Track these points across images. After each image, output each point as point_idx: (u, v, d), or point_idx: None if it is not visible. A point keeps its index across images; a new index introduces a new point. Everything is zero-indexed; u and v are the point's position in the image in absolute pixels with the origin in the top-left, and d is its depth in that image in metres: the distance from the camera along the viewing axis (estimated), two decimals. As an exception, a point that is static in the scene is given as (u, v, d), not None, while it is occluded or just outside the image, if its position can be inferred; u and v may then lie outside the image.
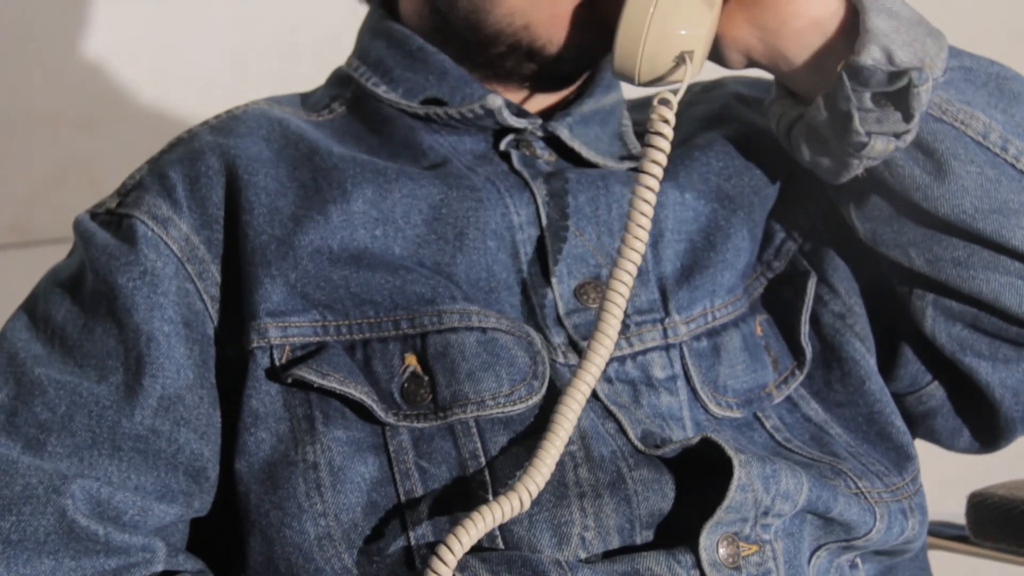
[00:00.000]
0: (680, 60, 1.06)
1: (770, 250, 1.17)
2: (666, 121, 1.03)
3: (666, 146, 1.03)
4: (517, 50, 1.11)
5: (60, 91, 1.76)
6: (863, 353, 1.15)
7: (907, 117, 1.02)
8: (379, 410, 1.02)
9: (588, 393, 1.00)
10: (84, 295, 1.07)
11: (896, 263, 1.12)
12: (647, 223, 1.02)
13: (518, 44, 1.11)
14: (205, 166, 1.09)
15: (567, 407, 0.99)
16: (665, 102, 1.03)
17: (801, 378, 1.14)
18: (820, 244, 1.17)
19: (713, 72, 1.17)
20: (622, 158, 1.16)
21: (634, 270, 1.02)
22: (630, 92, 1.18)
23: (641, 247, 1.02)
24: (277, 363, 1.04)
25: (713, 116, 1.21)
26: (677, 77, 1.07)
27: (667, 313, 1.10)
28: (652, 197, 1.02)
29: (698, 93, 1.24)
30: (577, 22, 1.10)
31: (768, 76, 1.12)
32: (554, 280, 1.09)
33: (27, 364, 1.04)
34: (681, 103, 1.20)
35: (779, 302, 1.16)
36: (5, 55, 1.74)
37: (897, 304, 1.15)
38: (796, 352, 1.14)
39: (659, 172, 1.02)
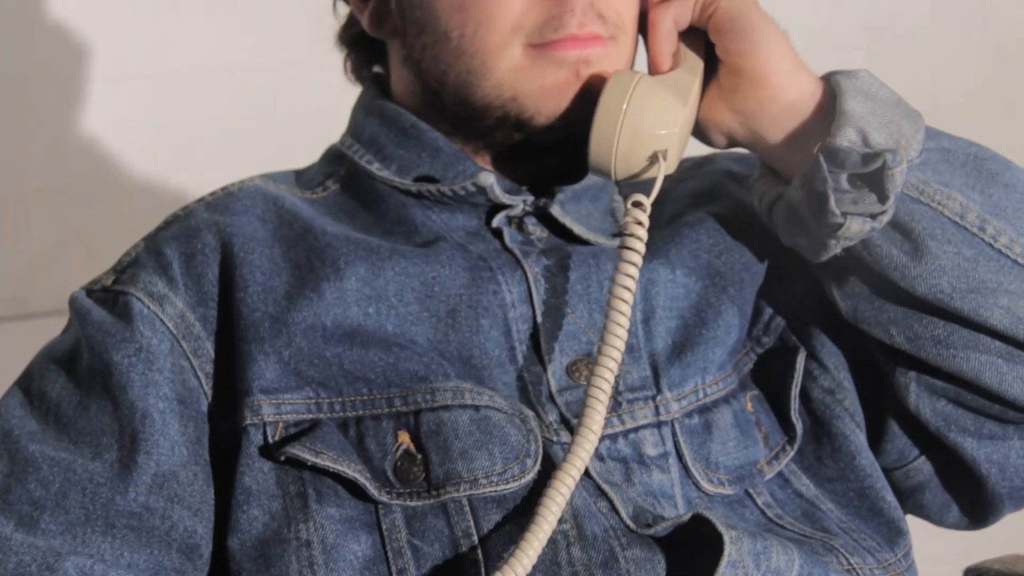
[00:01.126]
0: (654, 158, 1.08)
1: (759, 326, 1.18)
2: (639, 223, 1.05)
3: (641, 247, 1.05)
4: (506, 122, 1.12)
5: (59, 165, 1.77)
6: (853, 428, 1.15)
7: (882, 199, 1.03)
8: (372, 488, 1.02)
9: (578, 474, 1.01)
10: (79, 372, 1.07)
11: (878, 340, 1.12)
12: (623, 334, 1.03)
13: (507, 116, 1.12)
14: (201, 243, 1.10)
15: (557, 488, 1.00)
16: (638, 204, 1.05)
17: (792, 454, 1.14)
18: (808, 320, 1.18)
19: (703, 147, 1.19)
20: (614, 235, 1.17)
21: (619, 356, 1.03)
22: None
23: (621, 345, 1.03)
24: (270, 440, 1.04)
25: (704, 192, 1.22)
26: (652, 174, 1.09)
27: (659, 390, 1.11)
28: (629, 297, 1.04)
29: (689, 169, 1.26)
30: (564, 94, 1.11)
31: None
32: (546, 358, 1.10)
33: (21, 441, 1.04)
34: (672, 178, 1.22)
35: (769, 378, 1.16)
36: (4, 129, 1.75)
37: (881, 379, 1.16)
38: (787, 428, 1.15)
39: (635, 272, 1.04)
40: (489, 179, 1.12)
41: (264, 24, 1.83)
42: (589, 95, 1.09)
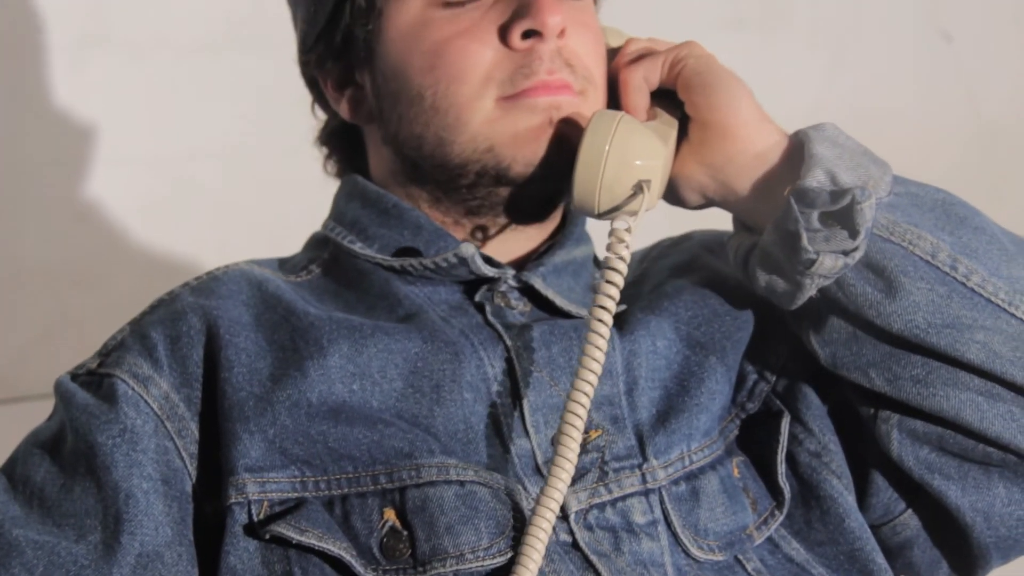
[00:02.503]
0: (638, 189, 1.09)
1: (743, 392, 1.18)
2: (623, 242, 1.06)
3: (623, 267, 1.06)
4: (484, 176, 1.13)
5: (52, 248, 1.78)
6: (841, 491, 1.15)
7: (853, 234, 1.04)
8: (358, 566, 1.02)
9: (546, 538, 1.01)
10: (63, 455, 1.07)
11: (858, 386, 1.13)
12: (603, 344, 1.04)
13: (484, 169, 1.13)
14: (186, 326, 1.10)
15: (528, 554, 1.00)
16: (623, 225, 1.07)
17: (781, 518, 1.15)
18: (792, 383, 1.18)
19: (678, 223, 1.20)
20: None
21: (587, 402, 1.04)
22: (600, 247, 1.20)
23: (598, 368, 1.04)
24: (255, 519, 1.04)
25: (682, 265, 1.23)
26: (634, 207, 1.10)
27: (645, 458, 1.11)
28: (608, 318, 1.05)
29: (667, 247, 1.27)
30: (538, 141, 1.12)
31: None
32: (531, 430, 1.10)
33: (5, 526, 1.04)
34: (648, 258, 1.23)
35: (755, 443, 1.17)
36: (-1, 211, 1.77)
37: (864, 431, 1.16)
38: (774, 492, 1.15)
39: (615, 294, 1.05)
40: (470, 250, 1.13)
41: (258, 109, 1.85)
42: (564, 140, 1.11)
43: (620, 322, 1.15)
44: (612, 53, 1.18)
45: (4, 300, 1.76)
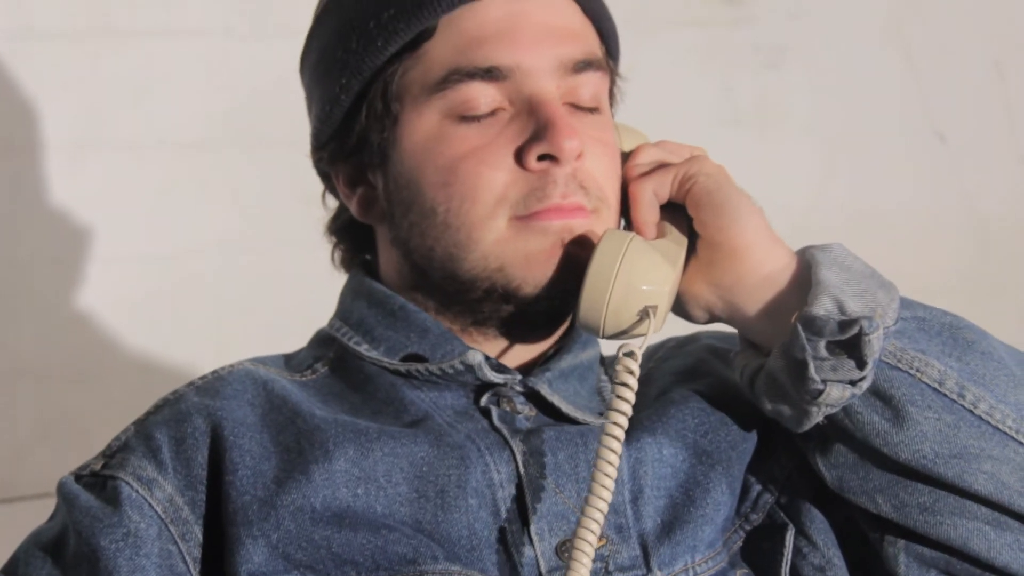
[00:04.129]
0: (644, 314, 1.09)
1: (747, 503, 1.17)
2: (631, 372, 1.06)
3: (631, 396, 1.06)
4: (493, 293, 1.14)
5: (49, 345, 1.78)
6: None
7: (860, 365, 1.04)
8: None
9: None
10: (66, 558, 1.07)
11: (865, 510, 1.12)
12: (613, 472, 1.04)
13: (493, 287, 1.13)
14: (191, 427, 1.10)
15: None
16: (629, 353, 1.06)
17: (784, 631, 1.14)
18: (796, 495, 1.18)
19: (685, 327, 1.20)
20: (600, 414, 1.17)
21: (601, 518, 1.03)
22: (607, 348, 1.20)
23: (608, 495, 1.03)
24: None
25: (688, 370, 1.23)
26: (641, 331, 1.10)
27: (649, 569, 1.10)
28: (618, 446, 1.05)
29: (673, 348, 1.27)
30: (550, 263, 1.12)
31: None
32: (535, 538, 1.09)
33: (7, 629, 1.03)
34: (654, 358, 1.23)
35: (759, 555, 1.16)
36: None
37: (869, 549, 1.15)
38: (778, 605, 1.14)
39: (624, 421, 1.05)
40: (477, 358, 1.13)
41: (257, 205, 1.85)
42: (574, 262, 1.11)
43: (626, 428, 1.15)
44: (624, 156, 1.18)
45: (1, 399, 1.76)
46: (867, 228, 2.14)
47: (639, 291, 1.09)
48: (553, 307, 1.15)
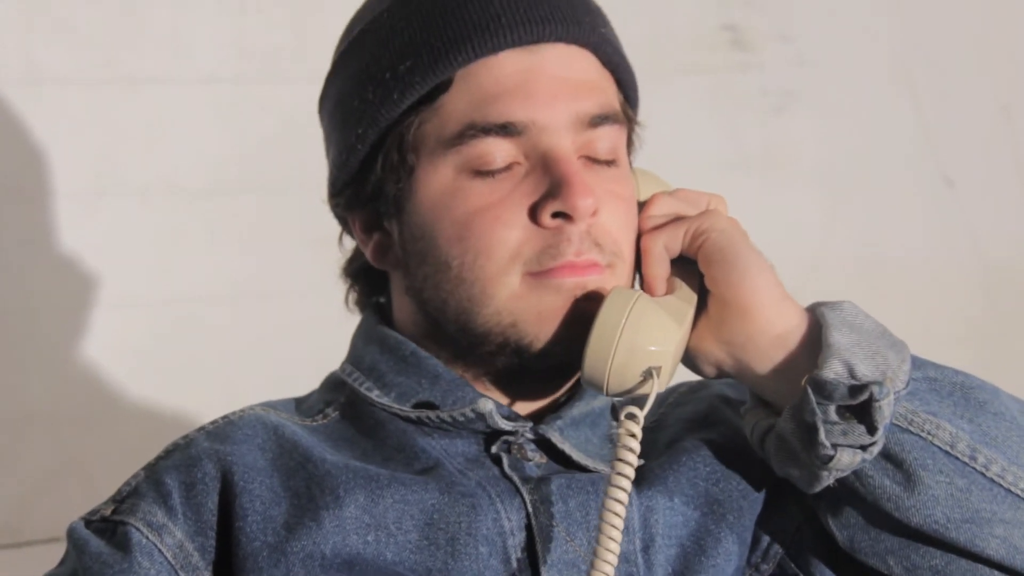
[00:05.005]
0: (648, 375, 1.09)
1: (758, 553, 1.17)
2: (632, 436, 1.06)
3: (633, 460, 1.06)
4: (506, 348, 1.13)
5: (58, 391, 1.78)
6: None
7: (871, 430, 1.04)
8: None
9: None
10: (76, 604, 1.07)
11: (876, 570, 1.12)
12: (616, 546, 1.04)
13: (507, 342, 1.13)
14: (201, 473, 1.10)
15: None
16: (631, 416, 1.06)
17: None
18: (807, 548, 1.17)
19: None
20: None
21: (611, 568, 1.03)
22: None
23: (616, 546, 1.03)
24: None
25: (699, 418, 1.22)
26: (645, 390, 1.10)
27: (661, 617, 1.10)
28: (622, 510, 1.04)
29: (684, 394, 1.27)
30: (562, 320, 1.12)
31: None
32: (545, 587, 1.09)
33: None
34: (665, 403, 1.23)
35: (769, 606, 1.16)
36: (5, 355, 1.76)
37: None
38: (788, 656, 1.14)
39: (627, 485, 1.05)
40: (488, 406, 1.13)
41: (265, 250, 1.86)
42: (587, 319, 1.10)
43: (637, 476, 1.14)
44: (640, 205, 1.18)
45: (9, 444, 1.76)
46: (875, 274, 2.15)
47: (643, 351, 1.09)
48: (564, 363, 1.15)
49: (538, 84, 1.13)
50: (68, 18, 1.77)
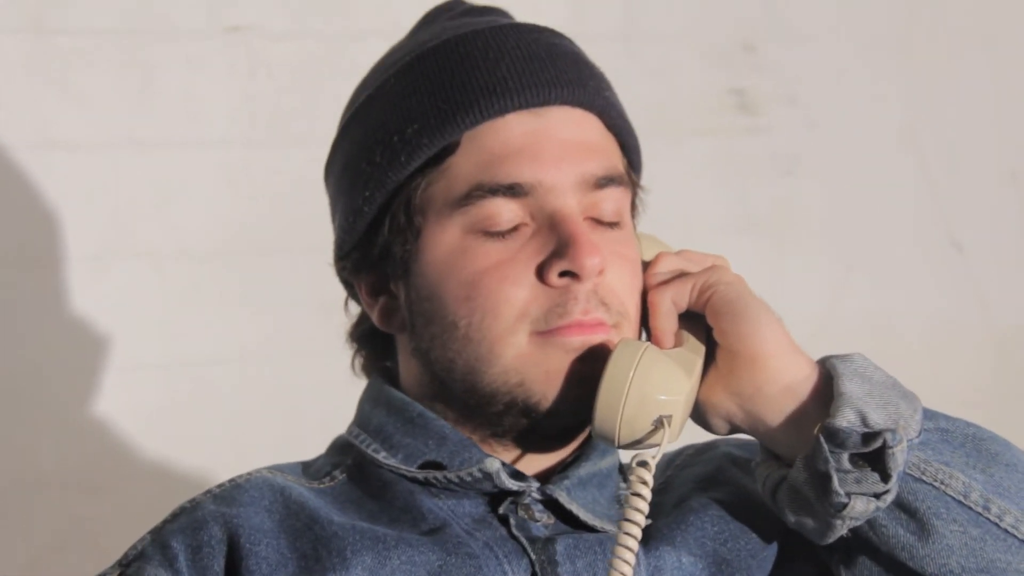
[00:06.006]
0: (659, 424, 1.09)
1: (768, 613, 1.17)
2: (644, 483, 1.06)
3: (644, 507, 1.06)
4: (513, 407, 1.14)
5: (66, 454, 1.78)
6: None
7: (884, 478, 1.04)
8: None
9: None
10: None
11: None
12: None
13: (514, 402, 1.13)
14: (208, 535, 1.10)
15: None
16: (643, 464, 1.06)
17: None
18: None
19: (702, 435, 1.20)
20: (620, 521, 1.17)
21: None
22: (627, 456, 1.20)
23: None
24: None
25: (707, 478, 1.22)
26: (656, 440, 1.10)
27: None
28: (631, 557, 1.04)
29: (692, 456, 1.27)
30: (570, 379, 1.12)
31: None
32: (553, 645, 1.09)
33: None
34: (672, 465, 1.22)
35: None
36: (13, 419, 1.77)
37: None
38: None
39: (638, 533, 1.05)
40: (495, 465, 1.13)
41: (275, 313, 1.86)
42: (594, 378, 1.11)
43: (645, 536, 1.14)
44: (644, 265, 1.19)
45: (18, 508, 1.76)
46: (884, 338, 2.15)
47: (653, 400, 1.09)
48: (572, 422, 1.15)
49: (545, 146, 1.14)
50: (79, 83, 1.79)
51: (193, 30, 1.85)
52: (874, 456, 1.04)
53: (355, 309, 1.27)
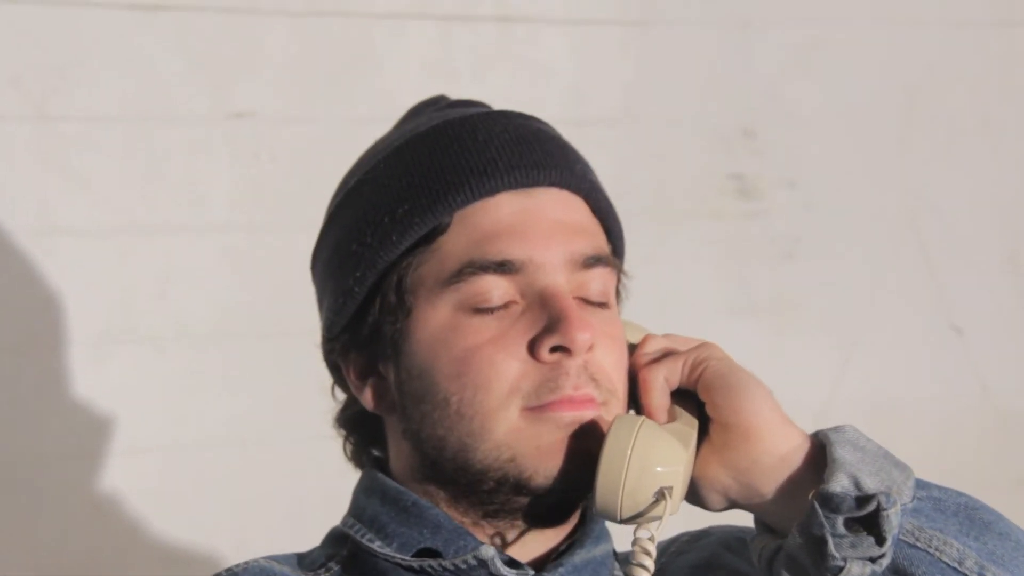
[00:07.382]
0: (660, 495, 1.09)
1: None
2: (647, 553, 1.06)
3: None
4: (505, 484, 1.14)
5: (70, 539, 1.78)
6: None
7: (880, 540, 1.05)
8: None
9: None
10: None
11: None
12: None
13: (506, 478, 1.13)
14: (203, 623, 1.10)
15: None
16: (646, 534, 1.07)
17: None
18: None
19: (701, 520, 1.20)
20: (616, 607, 1.17)
21: None
22: (621, 544, 1.20)
23: None
24: None
25: (702, 564, 1.22)
26: (657, 512, 1.10)
27: None
28: None
29: (687, 543, 1.27)
30: (561, 454, 1.12)
31: (752, 525, 1.14)
32: None
33: None
34: (667, 553, 1.22)
35: None
36: (16, 501, 1.76)
37: None
38: None
39: None
40: (490, 552, 1.13)
41: (277, 396, 1.86)
42: (585, 454, 1.11)
43: (641, 622, 1.14)
44: (630, 348, 1.20)
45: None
46: (885, 422, 2.14)
47: (653, 472, 1.09)
48: (564, 499, 1.15)
49: (534, 225, 1.15)
50: (82, 168, 1.80)
51: (196, 116, 1.86)
52: (869, 519, 1.05)
53: (341, 395, 1.28)
